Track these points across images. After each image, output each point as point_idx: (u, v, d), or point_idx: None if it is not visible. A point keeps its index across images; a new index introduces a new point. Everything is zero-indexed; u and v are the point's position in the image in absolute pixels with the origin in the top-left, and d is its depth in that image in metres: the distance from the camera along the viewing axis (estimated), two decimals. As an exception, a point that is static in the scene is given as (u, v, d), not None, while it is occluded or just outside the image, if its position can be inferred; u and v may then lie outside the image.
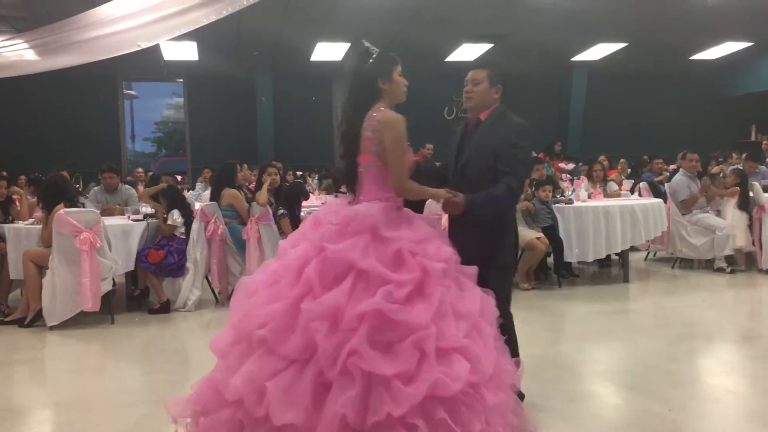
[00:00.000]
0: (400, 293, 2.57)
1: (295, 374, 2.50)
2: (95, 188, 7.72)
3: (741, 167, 9.07)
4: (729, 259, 7.51)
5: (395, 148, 2.88)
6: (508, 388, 2.74)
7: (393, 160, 2.89)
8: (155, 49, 11.19)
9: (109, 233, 5.85)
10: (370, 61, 3.00)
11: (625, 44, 13.70)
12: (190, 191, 10.53)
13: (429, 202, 3.39)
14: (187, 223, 6.34)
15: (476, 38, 12.81)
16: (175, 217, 6.25)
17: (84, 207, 6.00)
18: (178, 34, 6.88)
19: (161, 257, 6.11)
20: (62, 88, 13.22)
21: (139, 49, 7.02)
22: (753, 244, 7.48)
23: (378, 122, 2.88)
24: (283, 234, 6.16)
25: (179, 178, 8.93)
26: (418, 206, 3.20)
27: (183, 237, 6.30)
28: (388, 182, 2.92)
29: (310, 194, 8.45)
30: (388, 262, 2.65)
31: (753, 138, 15.68)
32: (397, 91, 3.02)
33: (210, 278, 6.55)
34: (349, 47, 2.72)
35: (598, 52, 14.38)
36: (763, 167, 9.49)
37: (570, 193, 7.75)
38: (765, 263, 7.32)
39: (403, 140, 2.91)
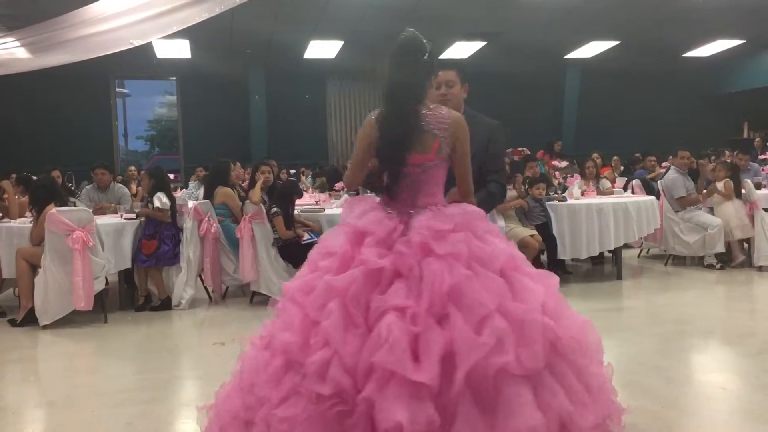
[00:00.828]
0: None
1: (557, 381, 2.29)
2: (87, 187, 7.70)
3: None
4: (719, 256, 7.54)
5: (467, 150, 2.67)
6: None
7: (465, 162, 2.68)
8: (148, 47, 11.16)
9: (101, 232, 5.83)
10: (426, 56, 2.76)
11: (618, 42, 13.73)
12: (184, 189, 10.51)
13: None
14: (171, 207, 6.31)
15: (470, 36, 12.83)
16: (164, 200, 6.22)
17: (74, 206, 5.97)
18: (170, 32, 6.85)
19: (155, 247, 6.12)
20: (54, 87, 13.17)
21: (132, 47, 7.00)
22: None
23: (451, 120, 2.61)
24: (276, 233, 6.15)
25: (172, 176, 8.89)
26: None
27: (170, 221, 6.29)
28: (443, 184, 2.67)
29: (304, 193, 8.44)
30: None
31: (745, 135, 15.78)
32: (433, 91, 2.90)
33: (203, 277, 6.53)
34: (404, 38, 2.59)
35: (592, 49, 14.41)
36: (755, 164, 9.53)
37: (562, 191, 7.77)
38: (758, 260, 7.35)
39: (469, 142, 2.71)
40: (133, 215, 6.38)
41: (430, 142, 2.58)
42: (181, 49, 12.49)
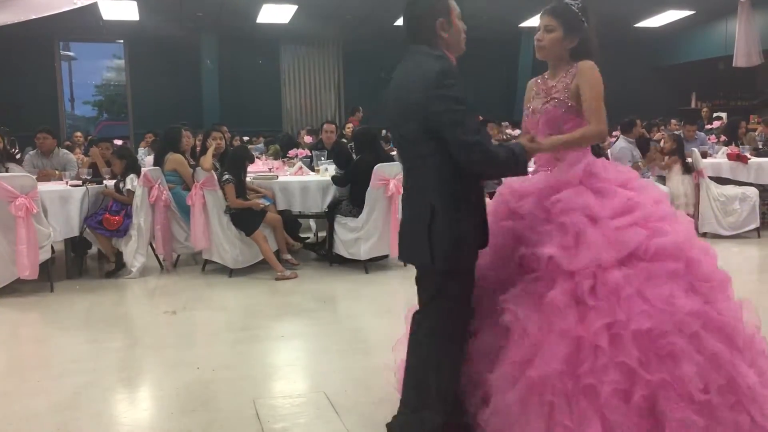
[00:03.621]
0: None
1: None
2: (31, 152, 7.44)
3: (680, 133, 9.30)
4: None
5: None
6: None
7: None
8: (93, 8, 10.77)
9: (45, 199, 5.66)
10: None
11: (572, 11, 13.79)
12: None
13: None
14: None
15: (425, 2, 12.72)
16: (135, 183, 6.10)
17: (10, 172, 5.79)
18: (115, -8, 6.64)
19: (120, 222, 6.01)
20: (-6, 48, 12.67)
21: (76, 7, 6.76)
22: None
23: None
24: (227, 200, 6.04)
25: (120, 143, 8.67)
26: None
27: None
28: None
29: (257, 159, 8.32)
30: None
31: (693, 105, 16.08)
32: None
33: (154, 245, 6.42)
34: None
35: (545, 18, 14.42)
36: (701, 133, 9.75)
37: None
38: (702, 226, 7.56)
39: None
40: (79, 182, 6.21)
41: None
42: (128, 11, 12.08)
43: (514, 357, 2.51)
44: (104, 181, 6.45)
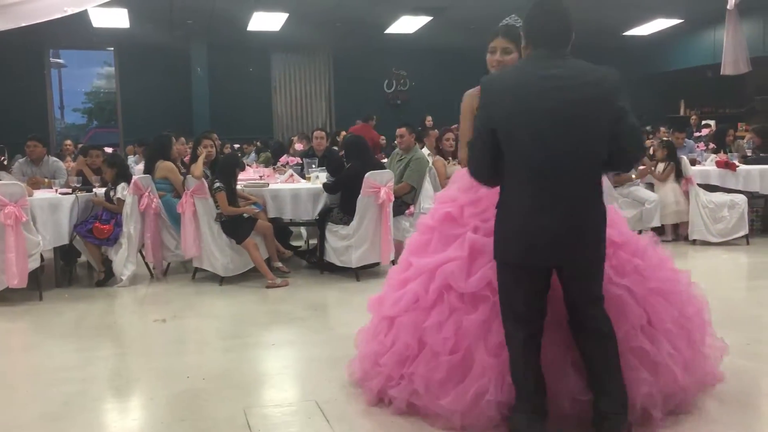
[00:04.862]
0: None
1: None
2: (20, 160, 7.42)
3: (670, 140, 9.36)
4: (656, 231, 7.76)
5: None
6: None
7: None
8: (83, 16, 10.76)
9: (35, 207, 5.63)
10: None
11: (562, 19, 13.87)
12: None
13: None
14: None
15: (416, 10, 12.77)
16: (126, 192, 6.08)
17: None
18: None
19: (110, 231, 5.98)
20: (-17, 56, 12.61)
21: (66, 15, 6.73)
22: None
23: None
24: (218, 208, 6.03)
25: (110, 150, 8.63)
26: None
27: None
28: None
29: (248, 167, 8.31)
30: None
31: (682, 113, 16.17)
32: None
33: (144, 253, 6.40)
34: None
35: (535, 26, 14.49)
36: (690, 141, 9.82)
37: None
38: (692, 234, 7.60)
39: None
40: (69, 190, 6.19)
41: None
42: (118, 19, 12.06)
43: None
44: (94, 189, 6.43)
